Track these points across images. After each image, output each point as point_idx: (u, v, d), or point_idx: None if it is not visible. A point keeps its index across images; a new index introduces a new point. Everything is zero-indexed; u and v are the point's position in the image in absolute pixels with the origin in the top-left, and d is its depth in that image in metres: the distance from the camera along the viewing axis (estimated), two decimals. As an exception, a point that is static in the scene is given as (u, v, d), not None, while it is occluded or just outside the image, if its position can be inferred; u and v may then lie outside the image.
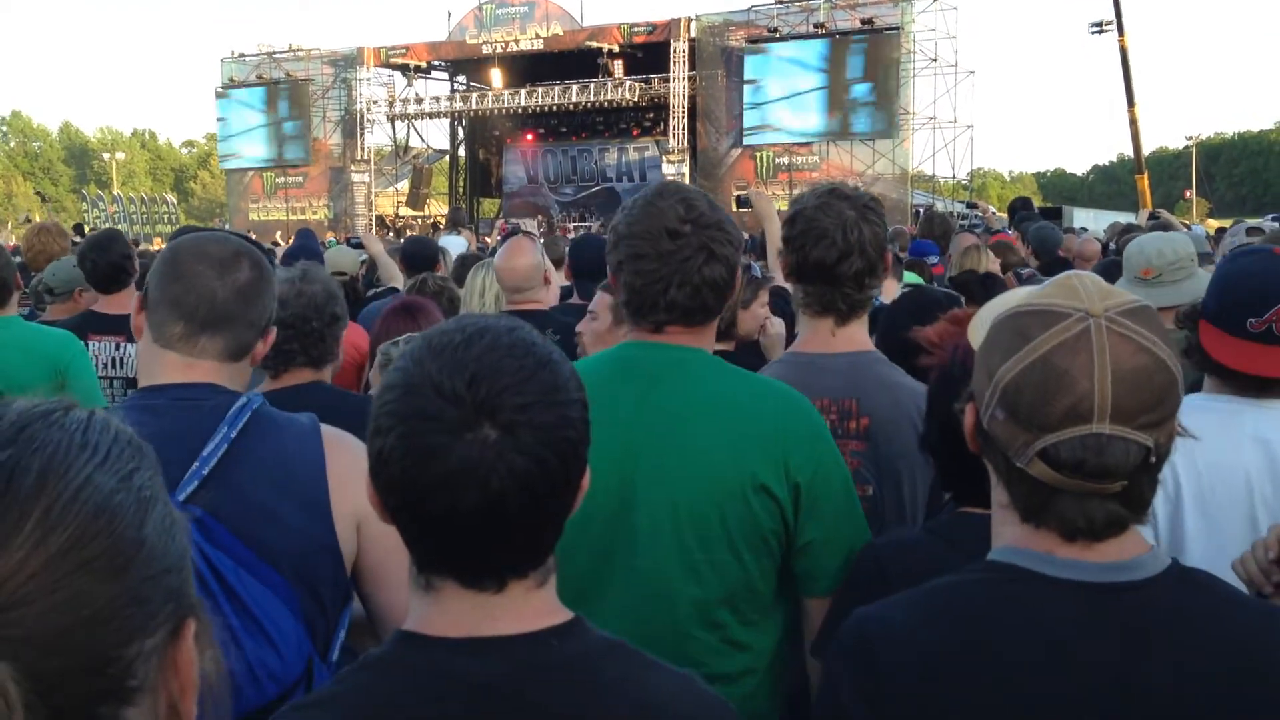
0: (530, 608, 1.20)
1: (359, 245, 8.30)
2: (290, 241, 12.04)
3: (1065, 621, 1.25)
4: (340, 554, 1.86)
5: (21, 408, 0.80)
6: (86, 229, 18.87)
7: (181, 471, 1.73)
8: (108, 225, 24.04)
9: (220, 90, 41.87)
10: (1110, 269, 4.80)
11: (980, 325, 1.46)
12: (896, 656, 1.29)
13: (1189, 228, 9.96)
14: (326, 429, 1.93)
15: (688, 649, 1.92)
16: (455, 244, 9.40)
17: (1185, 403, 1.25)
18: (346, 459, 1.86)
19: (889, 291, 4.72)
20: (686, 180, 33.59)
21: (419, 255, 6.21)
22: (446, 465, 1.11)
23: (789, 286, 4.59)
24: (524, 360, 1.17)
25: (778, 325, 3.88)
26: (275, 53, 40.78)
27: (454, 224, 19.93)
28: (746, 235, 9.64)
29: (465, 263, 6.07)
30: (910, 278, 5.86)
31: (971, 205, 20.20)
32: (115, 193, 51.78)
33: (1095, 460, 1.21)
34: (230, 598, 1.70)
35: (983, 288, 4.38)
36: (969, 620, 1.29)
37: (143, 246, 13.62)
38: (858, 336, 2.51)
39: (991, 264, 6.33)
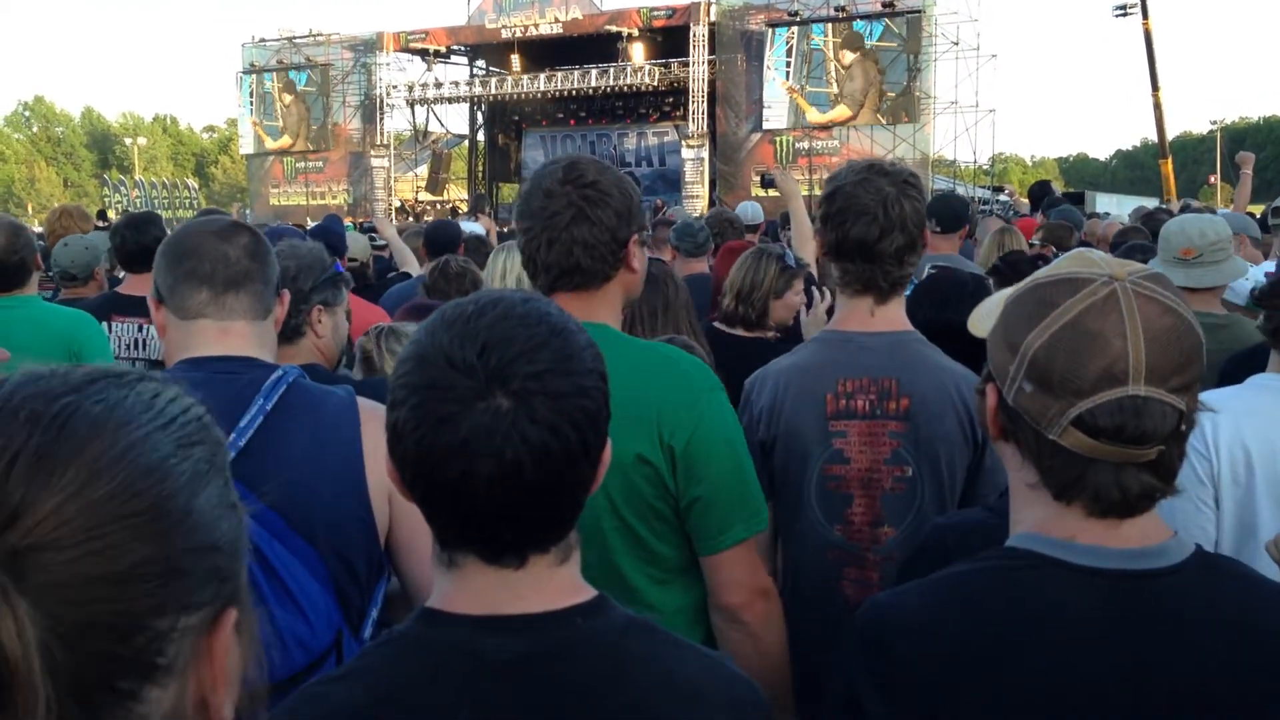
0: (553, 585, 1.20)
1: (371, 230, 8.32)
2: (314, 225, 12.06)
3: (1086, 610, 1.22)
4: (374, 526, 1.87)
5: (97, 367, 0.79)
6: (110, 214, 18.97)
7: None
8: (129, 210, 24.13)
9: (241, 75, 41.96)
10: (1131, 253, 4.75)
11: (983, 316, 1.42)
12: (912, 645, 1.27)
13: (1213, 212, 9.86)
14: (363, 401, 1.95)
15: None
16: (474, 230, 9.40)
17: (1255, 382, 1.23)
18: (381, 431, 1.85)
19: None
20: (706, 165, 33.56)
21: (440, 239, 6.22)
22: (459, 435, 1.11)
23: (811, 265, 4.59)
24: (536, 329, 1.16)
25: (821, 307, 3.84)
26: (296, 37, 40.78)
27: (474, 210, 19.94)
28: (766, 219, 9.61)
29: (478, 247, 6.07)
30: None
31: (998, 189, 20.07)
32: (137, 178, 51.99)
33: (1134, 424, 1.18)
34: (261, 564, 1.72)
35: (1034, 268, 4.32)
36: (987, 609, 1.26)
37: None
38: (897, 316, 2.47)
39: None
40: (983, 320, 1.40)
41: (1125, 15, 34.93)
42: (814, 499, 2.44)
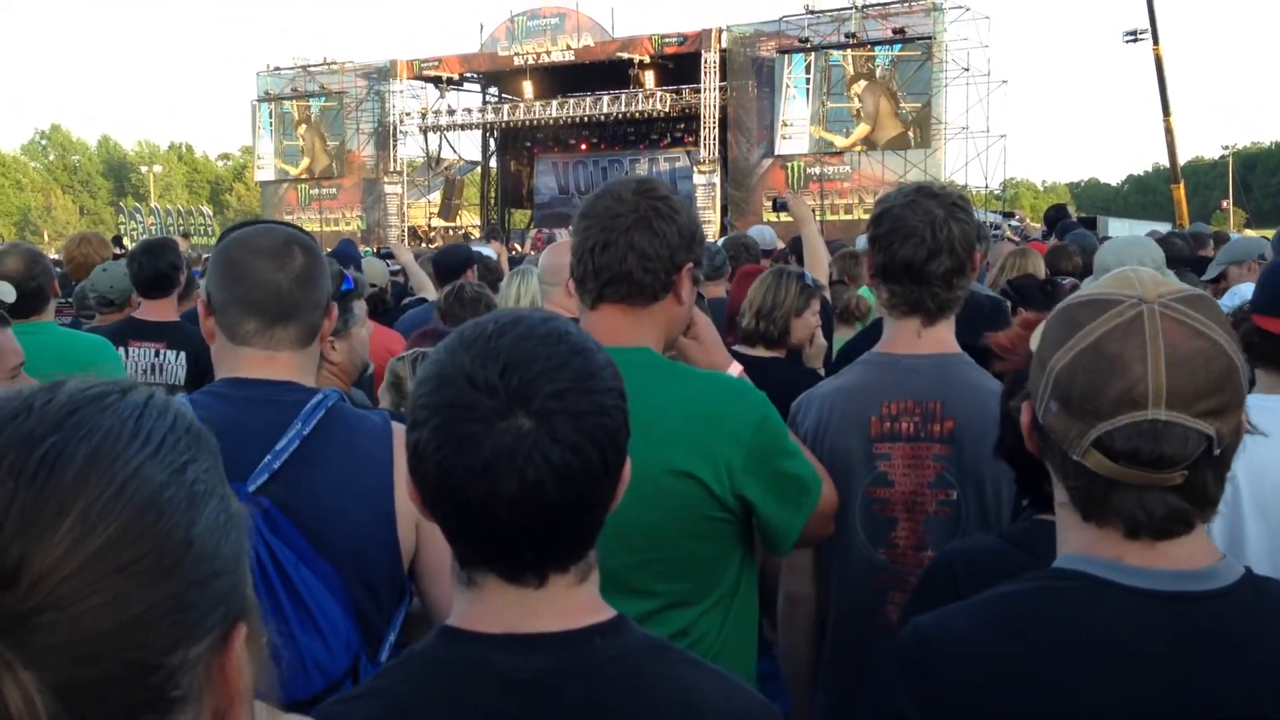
0: (572, 604, 1.19)
1: (389, 256, 8.36)
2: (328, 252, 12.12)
3: (1136, 633, 1.21)
4: (399, 552, 1.89)
5: (74, 388, 0.75)
6: (125, 241, 19.11)
7: (254, 464, 1.78)
8: (145, 236, 24.32)
9: (256, 103, 42.31)
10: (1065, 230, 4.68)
11: (1037, 333, 1.43)
12: (957, 666, 1.26)
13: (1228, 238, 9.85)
14: (398, 427, 1.95)
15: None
16: (486, 254, 9.45)
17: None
18: None
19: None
20: (718, 190, 33.67)
21: (448, 265, 6.22)
22: (481, 455, 1.10)
23: (823, 291, 4.59)
24: (556, 348, 1.15)
25: (822, 340, 3.86)
26: (310, 66, 41.17)
27: (488, 237, 20.05)
28: (780, 244, 9.63)
29: (487, 274, 6.09)
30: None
31: (1008, 215, 20.09)
32: (152, 205, 52.32)
33: (1151, 448, 1.17)
34: (287, 588, 1.74)
35: (1043, 292, 4.32)
36: (1035, 630, 1.25)
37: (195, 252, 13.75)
38: (944, 338, 2.44)
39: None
40: (1034, 338, 1.41)
41: (1136, 41, 35.02)
42: (858, 522, 2.42)
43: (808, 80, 32.68)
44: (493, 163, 43.64)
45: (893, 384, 2.40)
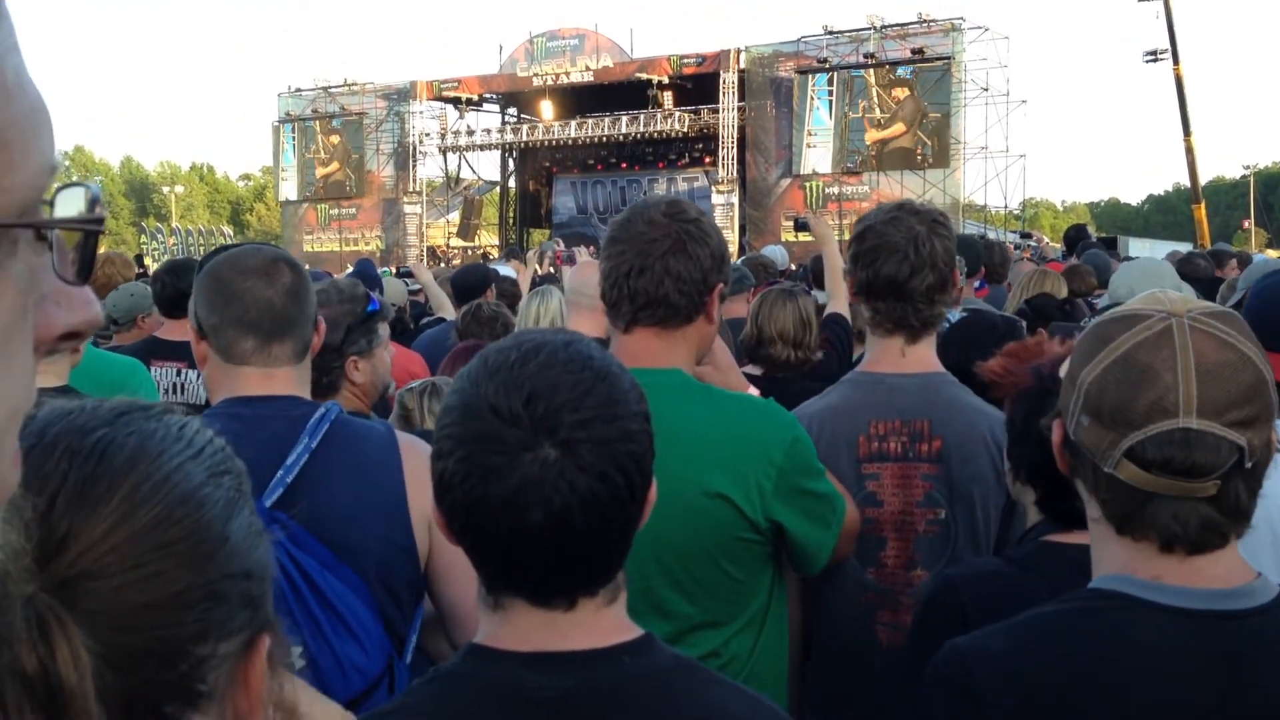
0: (601, 624, 1.20)
1: (408, 274, 8.38)
2: (348, 271, 12.19)
3: (1174, 651, 1.22)
4: (416, 555, 1.93)
5: (122, 400, 0.81)
6: (147, 260, 19.27)
7: (269, 480, 1.82)
8: (167, 257, 24.55)
9: (277, 124, 42.65)
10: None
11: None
12: (997, 686, 1.26)
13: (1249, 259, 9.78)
14: (401, 434, 2.02)
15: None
16: (506, 273, 9.49)
17: None
18: (420, 461, 1.92)
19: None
20: (736, 210, 33.71)
21: (466, 284, 6.24)
22: (508, 486, 1.11)
23: (843, 309, 4.60)
24: (580, 375, 1.15)
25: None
26: (331, 87, 41.44)
27: (508, 256, 20.18)
28: (795, 265, 9.63)
29: (510, 289, 6.11)
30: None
31: (1026, 235, 20.08)
32: (174, 225, 52.79)
33: (1183, 455, 1.18)
34: (317, 596, 1.78)
35: (1061, 312, 4.33)
36: (1074, 650, 1.25)
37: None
38: (928, 356, 2.46)
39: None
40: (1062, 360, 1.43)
41: (1156, 61, 34.93)
42: None
43: (830, 92, 32.71)
44: (511, 182, 43.81)
45: (880, 403, 2.40)
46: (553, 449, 1.11)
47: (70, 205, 0.56)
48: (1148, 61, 35.56)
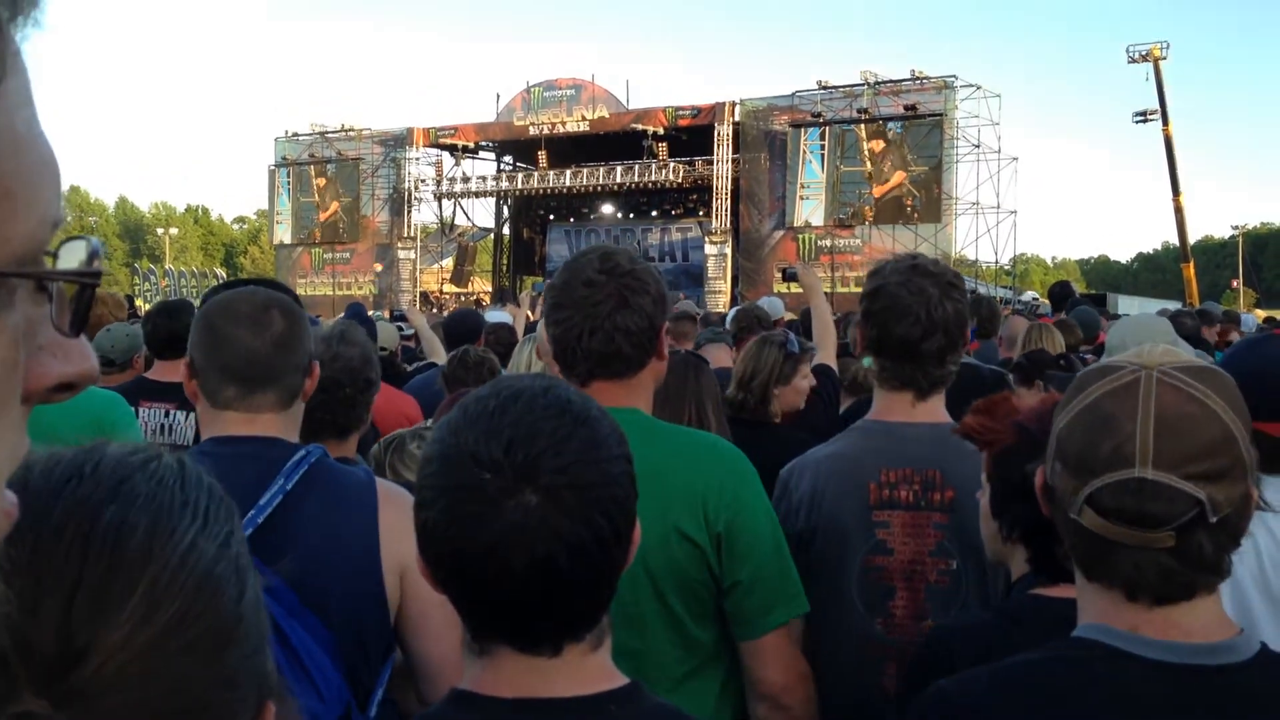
0: (586, 671, 1.19)
1: (401, 318, 8.41)
2: (340, 315, 12.21)
3: (1152, 703, 1.22)
4: (386, 604, 1.92)
5: (117, 456, 0.74)
6: (138, 302, 19.28)
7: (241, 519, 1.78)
8: (159, 298, 24.56)
9: (273, 168, 42.88)
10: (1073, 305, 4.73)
11: None
12: None
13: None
14: (381, 482, 2.01)
15: None
16: (501, 318, 9.53)
17: None
18: (397, 511, 1.91)
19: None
20: (729, 260, 33.89)
21: (458, 332, 6.24)
22: (491, 534, 1.10)
23: (830, 361, 4.60)
24: (560, 420, 1.15)
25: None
26: (328, 132, 41.76)
27: (501, 301, 20.18)
28: (790, 315, 9.66)
29: (506, 337, 6.12)
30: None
31: (1019, 292, 20.25)
32: (167, 267, 52.85)
33: (1134, 505, 1.20)
34: (281, 643, 1.74)
35: (1058, 367, 4.35)
36: (1054, 698, 1.26)
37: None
38: (937, 409, 2.46)
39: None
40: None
41: (1145, 121, 35.38)
42: (855, 590, 2.40)
43: (822, 146, 33.02)
44: (506, 230, 44.04)
45: (891, 451, 2.40)
46: (534, 495, 1.11)
47: (72, 258, 0.56)
48: (1137, 122, 36.09)
